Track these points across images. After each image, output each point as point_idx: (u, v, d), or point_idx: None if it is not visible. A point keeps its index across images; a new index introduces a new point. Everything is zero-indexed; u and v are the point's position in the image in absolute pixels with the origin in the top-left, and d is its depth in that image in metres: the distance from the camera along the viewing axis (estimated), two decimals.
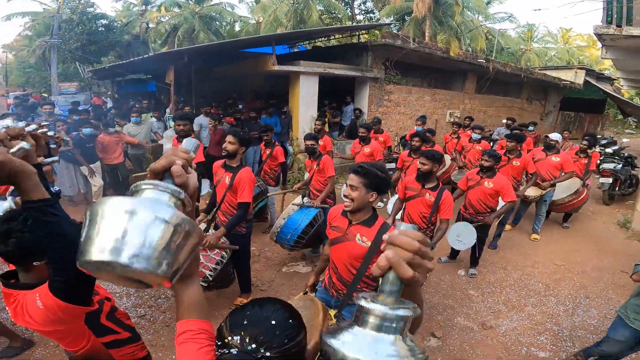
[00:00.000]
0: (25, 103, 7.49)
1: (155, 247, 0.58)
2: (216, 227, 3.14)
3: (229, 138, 2.91)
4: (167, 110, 6.85)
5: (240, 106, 7.54)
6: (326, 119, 7.58)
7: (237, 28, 26.80)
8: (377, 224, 1.92)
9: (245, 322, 0.81)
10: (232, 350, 0.77)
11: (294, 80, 7.72)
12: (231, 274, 3.27)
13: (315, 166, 3.96)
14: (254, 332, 0.79)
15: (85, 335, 1.32)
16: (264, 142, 4.70)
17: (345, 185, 2.03)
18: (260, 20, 23.11)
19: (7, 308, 1.31)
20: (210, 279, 2.87)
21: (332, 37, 11.52)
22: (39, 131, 1.44)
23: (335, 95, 9.27)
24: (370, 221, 1.93)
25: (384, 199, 5.28)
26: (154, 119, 6.42)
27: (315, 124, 5.39)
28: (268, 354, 0.77)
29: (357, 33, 10.39)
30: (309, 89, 7.66)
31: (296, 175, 7.11)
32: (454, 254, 4.46)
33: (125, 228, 0.57)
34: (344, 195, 1.91)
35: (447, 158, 6.00)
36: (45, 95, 13.40)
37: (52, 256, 1.05)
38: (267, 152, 4.59)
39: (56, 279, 1.08)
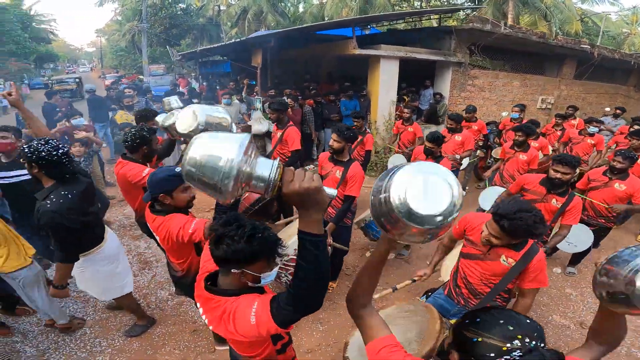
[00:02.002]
0: (137, 86, 8.15)
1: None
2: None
3: (334, 136, 2.89)
4: (243, 93, 6.94)
5: (312, 90, 7.41)
6: (404, 103, 7.22)
7: (301, 9, 26.55)
8: (526, 247, 1.86)
9: (511, 327, 0.86)
10: (514, 353, 0.81)
11: (373, 64, 7.46)
12: None
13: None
14: (525, 332, 0.84)
15: (265, 344, 1.31)
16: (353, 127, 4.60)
17: None
18: (324, 1, 22.59)
19: (200, 308, 1.29)
20: None
21: (409, 20, 10.80)
22: None
23: (410, 79, 8.80)
24: (519, 246, 1.87)
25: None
26: (237, 101, 6.58)
27: (403, 112, 5.14)
28: (543, 345, 0.84)
29: (436, 16, 9.60)
30: (390, 73, 7.38)
31: (373, 159, 6.94)
32: (550, 250, 4.10)
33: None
34: (485, 238, 1.83)
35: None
36: (141, 77, 14.57)
37: (300, 298, 1.02)
38: (358, 138, 4.45)
39: (288, 308, 1.04)
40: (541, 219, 1.70)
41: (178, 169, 1.87)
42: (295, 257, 1.35)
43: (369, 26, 11.92)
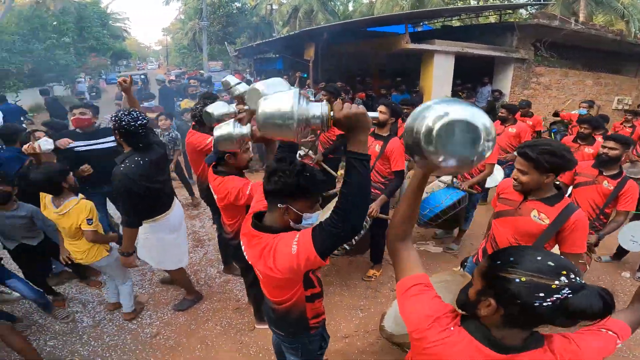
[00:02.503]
0: (201, 78, 8.77)
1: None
2: None
3: (381, 108, 2.89)
4: (307, 86, 6.95)
5: (368, 82, 7.24)
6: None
7: (350, 8, 26.27)
8: (561, 203, 1.69)
9: (552, 263, 0.77)
10: (563, 290, 0.73)
11: (427, 59, 7.17)
12: (368, 242, 3.28)
13: None
14: (566, 267, 0.76)
15: (296, 287, 1.29)
16: (401, 117, 4.45)
17: None
18: (373, 0, 22.14)
19: (243, 245, 1.34)
20: (349, 247, 2.85)
21: (464, 17, 10.19)
22: None
23: (466, 75, 8.29)
24: (552, 199, 1.70)
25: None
26: None
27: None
28: (578, 279, 0.76)
29: (494, 14, 8.95)
30: (444, 68, 7.08)
31: None
32: (619, 254, 3.70)
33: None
34: (513, 178, 1.76)
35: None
36: (202, 72, 15.39)
37: (345, 212, 1.04)
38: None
39: (330, 227, 1.06)
40: (565, 147, 1.64)
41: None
42: None
43: (421, 24, 11.46)
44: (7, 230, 2.53)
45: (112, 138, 2.96)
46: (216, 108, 2.24)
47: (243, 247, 1.35)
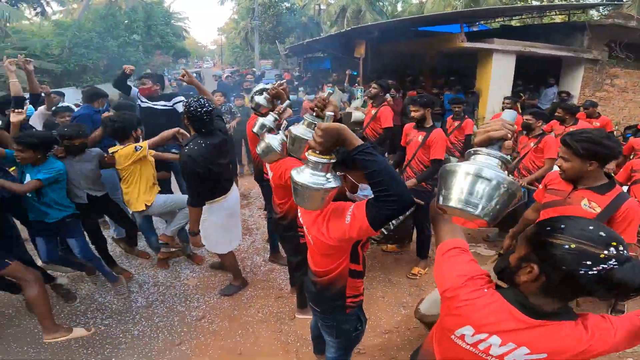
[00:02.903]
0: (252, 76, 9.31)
1: (488, 201, 0.80)
2: None
3: (411, 107, 2.95)
4: (345, 84, 6.85)
5: (421, 82, 6.95)
6: (521, 100, 6.28)
7: (399, 8, 25.54)
8: (612, 192, 1.68)
9: (603, 233, 0.74)
10: (611, 261, 0.71)
11: (484, 59, 6.74)
12: (411, 232, 3.28)
13: (532, 144, 3.40)
14: (616, 239, 0.73)
15: (343, 257, 1.30)
16: (452, 116, 4.55)
17: None
18: (423, 0, 21.35)
19: (300, 214, 1.40)
20: (387, 231, 2.84)
21: (527, 16, 9.41)
22: None
23: (528, 76, 7.65)
24: (603, 188, 1.69)
25: None
26: (339, 91, 6.53)
27: (504, 102, 4.80)
28: (626, 252, 0.73)
29: (560, 13, 8.13)
30: (504, 68, 6.61)
31: None
32: None
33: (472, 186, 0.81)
34: (557, 165, 1.79)
35: None
36: (255, 70, 15.90)
37: (386, 195, 1.03)
38: (455, 124, 4.40)
39: (386, 206, 1.04)
40: (607, 135, 1.66)
41: None
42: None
43: (477, 23, 10.78)
44: (76, 178, 2.70)
45: (167, 102, 3.49)
46: (261, 99, 2.41)
47: (300, 216, 1.40)
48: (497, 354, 0.80)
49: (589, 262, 0.71)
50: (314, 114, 1.30)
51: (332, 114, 1.08)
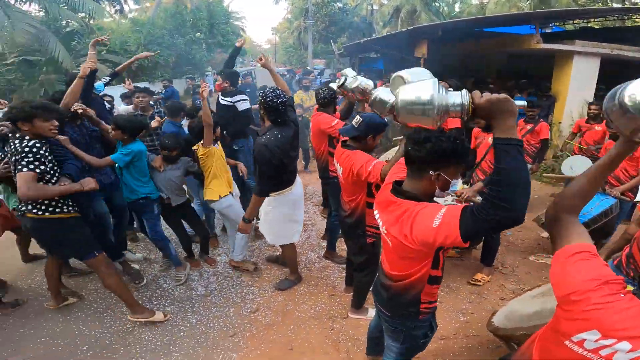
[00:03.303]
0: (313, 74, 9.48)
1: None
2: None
3: None
4: None
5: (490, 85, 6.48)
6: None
7: (456, 9, 24.24)
8: None
9: None
10: None
11: (562, 61, 6.11)
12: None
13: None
14: None
15: (424, 262, 1.22)
16: (523, 119, 4.20)
17: None
18: (484, 1, 20.08)
19: (377, 213, 1.32)
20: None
21: (609, 19, 8.38)
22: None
23: (611, 80, 6.76)
24: None
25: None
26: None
27: (590, 108, 4.35)
28: None
29: None
30: (586, 71, 5.95)
31: (550, 164, 5.79)
32: None
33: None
34: None
35: None
36: (309, 68, 16.06)
37: (502, 201, 0.93)
38: (528, 127, 4.07)
39: (485, 212, 0.95)
40: None
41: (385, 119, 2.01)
42: None
43: (550, 25, 9.81)
44: (163, 184, 2.91)
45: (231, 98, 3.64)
46: (383, 94, 2.29)
47: (377, 215, 1.33)
48: None
49: None
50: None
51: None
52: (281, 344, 2.39)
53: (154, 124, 3.28)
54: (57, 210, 2.16)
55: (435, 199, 1.29)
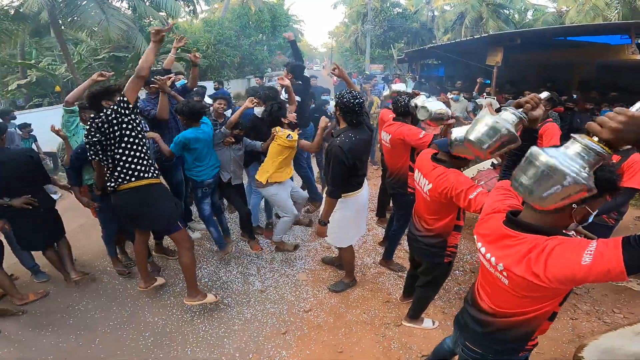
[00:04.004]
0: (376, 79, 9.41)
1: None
2: None
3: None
4: (474, 92, 6.13)
5: (571, 96, 5.83)
6: None
7: (529, 16, 22.41)
8: None
9: None
10: None
11: None
12: None
13: None
14: None
15: (553, 299, 1.08)
16: None
17: None
18: (563, 9, 18.33)
19: (481, 246, 1.18)
20: None
21: None
22: None
23: None
24: None
25: None
26: (464, 99, 5.90)
27: None
28: None
29: None
30: None
31: None
32: None
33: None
34: None
35: None
36: (368, 73, 15.95)
37: None
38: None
39: None
40: None
41: None
42: None
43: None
44: (226, 162, 3.15)
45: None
46: (434, 105, 2.33)
47: (482, 247, 1.18)
48: None
49: None
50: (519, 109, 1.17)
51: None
52: (331, 346, 2.35)
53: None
54: (147, 175, 2.29)
55: None
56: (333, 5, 26.69)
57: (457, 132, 1.67)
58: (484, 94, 5.94)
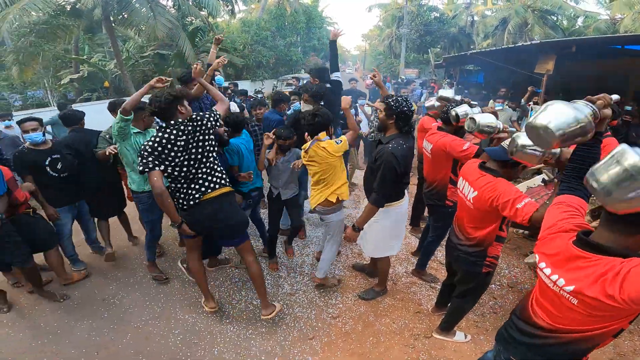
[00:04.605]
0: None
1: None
2: None
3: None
4: (522, 100, 5.77)
5: (628, 107, 5.34)
6: None
7: (579, 23, 21.04)
8: None
9: None
10: None
11: None
12: None
13: None
14: None
15: (622, 320, 1.04)
16: None
17: None
18: (617, 17, 17.09)
19: (545, 266, 1.12)
20: None
21: None
22: None
23: None
24: None
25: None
26: (508, 108, 5.57)
27: None
28: None
29: None
30: None
31: None
32: None
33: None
34: None
35: None
36: (403, 77, 15.67)
37: None
38: None
39: None
40: None
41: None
42: None
43: None
44: (276, 175, 2.91)
45: None
46: (483, 118, 2.22)
47: (545, 268, 1.13)
48: None
49: None
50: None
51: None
52: (358, 354, 2.28)
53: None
54: (227, 183, 2.26)
55: None
56: (368, 9, 26.45)
57: (524, 139, 1.55)
58: (530, 102, 5.58)
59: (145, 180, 2.67)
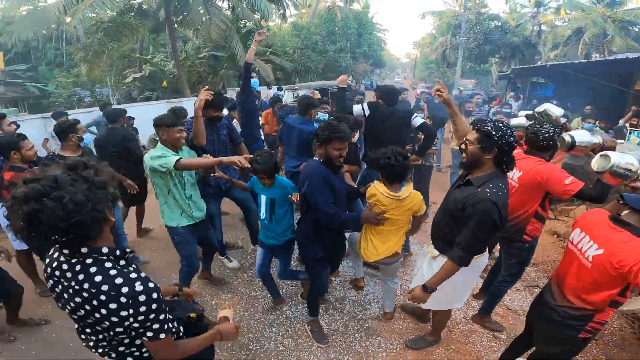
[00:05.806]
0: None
1: None
2: None
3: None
4: (621, 121, 4.85)
5: None
6: None
7: None
8: None
9: None
10: None
11: None
12: None
13: None
14: None
15: None
16: None
17: None
18: None
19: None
20: None
21: None
22: None
23: None
24: None
25: None
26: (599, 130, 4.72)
27: None
28: None
29: None
30: None
31: None
32: None
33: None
34: None
35: None
36: (462, 88, 14.63)
37: None
38: None
39: None
40: None
41: None
42: None
43: None
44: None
45: None
46: (579, 135, 1.98)
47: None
48: None
49: None
50: None
51: None
52: None
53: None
54: None
55: None
56: (421, 16, 25.41)
57: None
58: (626, 125, 4.65)
59: (182, 213, 2.34)
